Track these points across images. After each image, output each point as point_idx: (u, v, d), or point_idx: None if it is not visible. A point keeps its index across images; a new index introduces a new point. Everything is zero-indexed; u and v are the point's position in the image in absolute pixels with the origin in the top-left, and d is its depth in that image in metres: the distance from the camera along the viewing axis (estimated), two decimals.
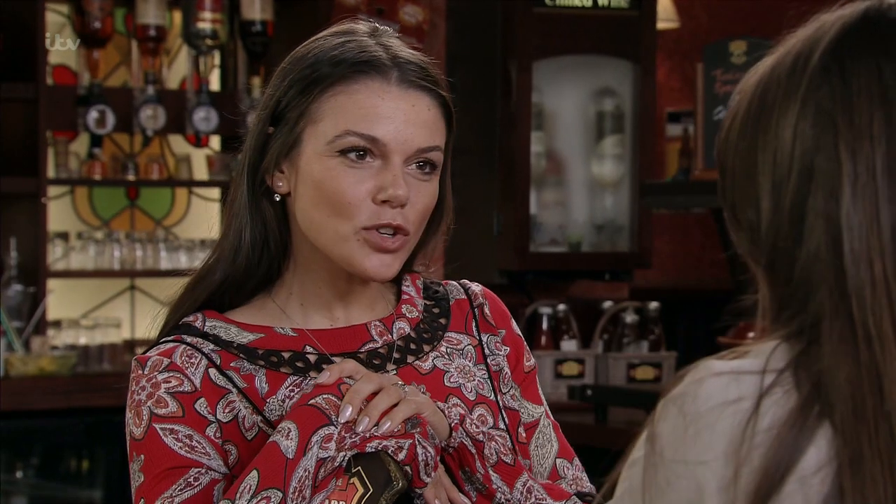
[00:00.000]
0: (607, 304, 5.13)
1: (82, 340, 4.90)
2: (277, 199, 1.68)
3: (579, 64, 5.09)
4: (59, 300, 4.95)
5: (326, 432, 1.54)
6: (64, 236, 4.95)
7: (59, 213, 5.11)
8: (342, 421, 1.54)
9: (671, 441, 1.12)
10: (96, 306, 5.17)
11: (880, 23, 1.15)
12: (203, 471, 1.60)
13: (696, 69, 4.20)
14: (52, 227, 4.83)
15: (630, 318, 5.08)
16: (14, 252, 4.70)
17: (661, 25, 5.47)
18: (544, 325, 5.01)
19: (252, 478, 1.53)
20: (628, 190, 5.11)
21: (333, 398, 1.56)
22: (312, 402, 1.55)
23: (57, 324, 4.90)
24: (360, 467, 1.53)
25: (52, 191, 4.95)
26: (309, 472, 1.53)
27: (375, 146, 1.63)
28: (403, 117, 1.64)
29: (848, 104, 1.13)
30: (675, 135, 5.00)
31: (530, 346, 5.46)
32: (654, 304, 5.06)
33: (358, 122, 1.63)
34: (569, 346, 5.02)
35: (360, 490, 1.53)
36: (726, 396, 1.11)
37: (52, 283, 4.78)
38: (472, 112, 5.11)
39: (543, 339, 5.00)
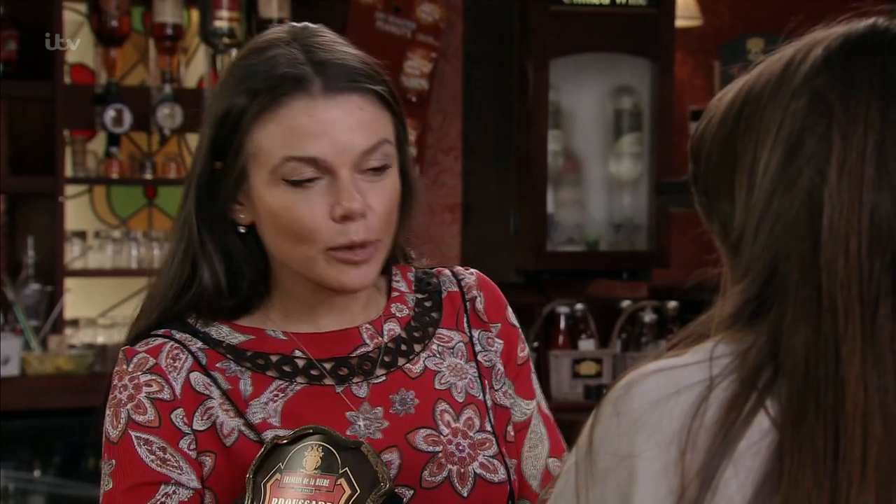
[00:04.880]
0: (625, 303, 5.12)
1: (100, 339, 4.90)
2: (243, 230, 1.65)
3: (596, 62, 5.07)
4: (77, 299, 4.95)
5: None
6: (81, 235, 4.96)
7: (77, 211, 5.11)
8: None
9: (604, 440, 1.17)
10: (114, 305, 5.17)
11: (888, 30, 1.20)
12: (171, 490, 1.60)
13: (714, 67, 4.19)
14: (69, 226, 4.84)
15: (648, 317, 5.07)
16: (31, 251, 4.70)
17: (684, 23, 5.45)
18: (562, 325, 5.00)
19: None
20: (646, 189, 5.09)
21: None
22: None
23: (74, 323, 4.90)
24: (347, 468, 1.52)
25: (70, 190, 4.96)
26: None
27: (317, 165, 1.59)
28: (337, 128, 1.59)
29: (847, 89, 1.16)
30: None
31: (547, 345, 5.46)
32: (672, 304, 5.05)
33: (293, 147, 1.58)
34: (586, 345, 5.01)
35: (348, 491, 1.51)
36: (666, 391, 1.15)
37: (69, 282, 4.79)
38: (488, 110, 5.10)
39: (561, 339, 4.99)
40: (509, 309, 1.77)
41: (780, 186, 1.17)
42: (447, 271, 1.77)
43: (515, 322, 1.78)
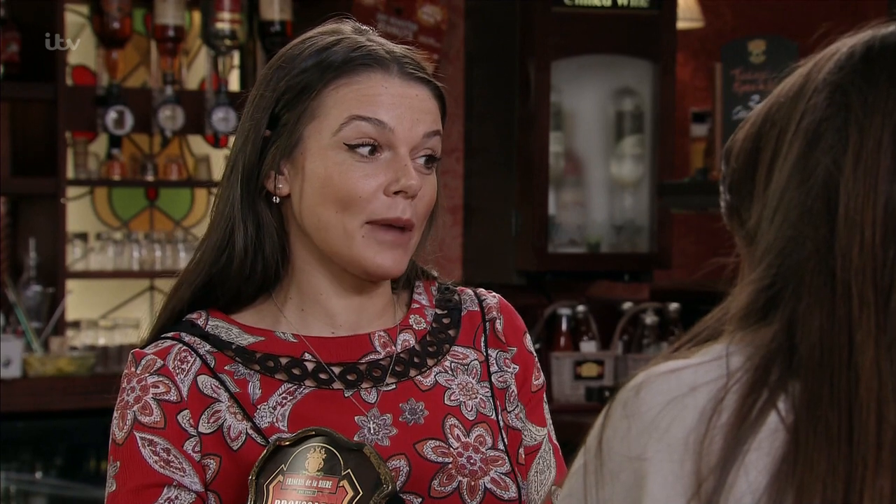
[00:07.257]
0: (627, 305, 5.12)
1: (101, 341, 4.90)
2: (277, 201, 1.66)
3: (598, 63, 5.07)
4: (79, 301, 4.96)
5: None
6: (83, 237, 4.96)
7: (79, 213, 5.12)
8: None
9: (614, 441, 1.17)
10: (115, 307, 5.18)
11: None
12: (174, 495, 1.60)
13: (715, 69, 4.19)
14: (71, 228, 4.84)
15: (650, 319, 5.06)
16: (33, 252, 4.71)
17: (685, 25, 5.45)
18: (563, 327, 5.00)
19: None
20: (648, 190, 5.09)
21: None
22: None
23: (76, 324, 4.91)
24: (349, 470, 1.52)
25: (72, 191, 4.96)
26: None
27: (382, 133, 1.62)
28: (408, 104, 1.64)
29: (866, 83, 1.17)
30: (700, 135, 4.97)
31: (549, 347, 5.46)
32: (674, 306, 5.04)
33: (363, 108, 1.63)
34: (588, 347, 5.01)
35: (350, 493, 1.51)
36: (677, 392, 1.15)
37: (71, 284, 4.79)
38: (490, 112, 5.10)
39: (562, 341, 4.99)
40: (528, 336, 1.78)
41: (796, 176, 1.18)
42: (469, 290, 1.78)
43: (532, 349, 1.78)
